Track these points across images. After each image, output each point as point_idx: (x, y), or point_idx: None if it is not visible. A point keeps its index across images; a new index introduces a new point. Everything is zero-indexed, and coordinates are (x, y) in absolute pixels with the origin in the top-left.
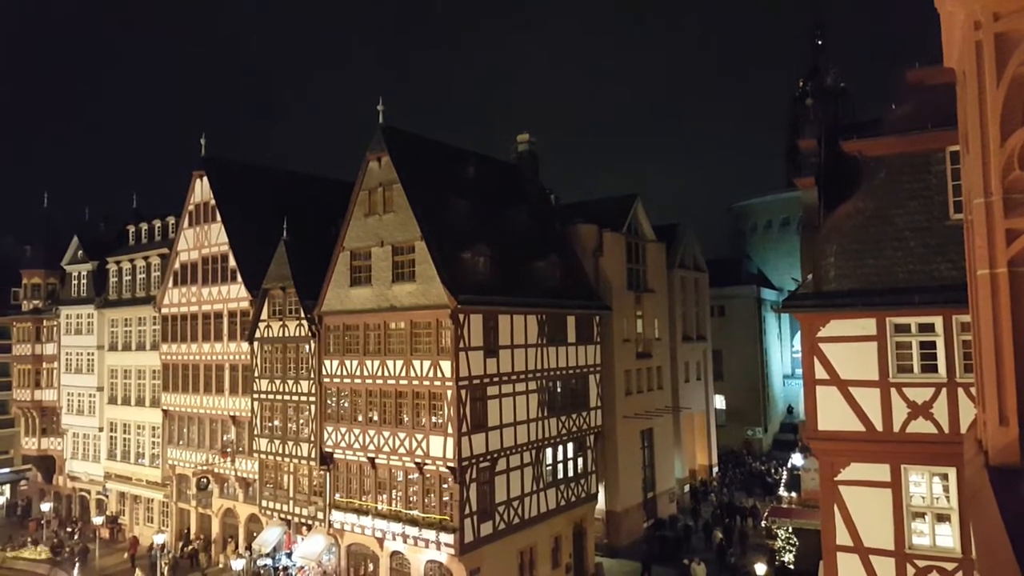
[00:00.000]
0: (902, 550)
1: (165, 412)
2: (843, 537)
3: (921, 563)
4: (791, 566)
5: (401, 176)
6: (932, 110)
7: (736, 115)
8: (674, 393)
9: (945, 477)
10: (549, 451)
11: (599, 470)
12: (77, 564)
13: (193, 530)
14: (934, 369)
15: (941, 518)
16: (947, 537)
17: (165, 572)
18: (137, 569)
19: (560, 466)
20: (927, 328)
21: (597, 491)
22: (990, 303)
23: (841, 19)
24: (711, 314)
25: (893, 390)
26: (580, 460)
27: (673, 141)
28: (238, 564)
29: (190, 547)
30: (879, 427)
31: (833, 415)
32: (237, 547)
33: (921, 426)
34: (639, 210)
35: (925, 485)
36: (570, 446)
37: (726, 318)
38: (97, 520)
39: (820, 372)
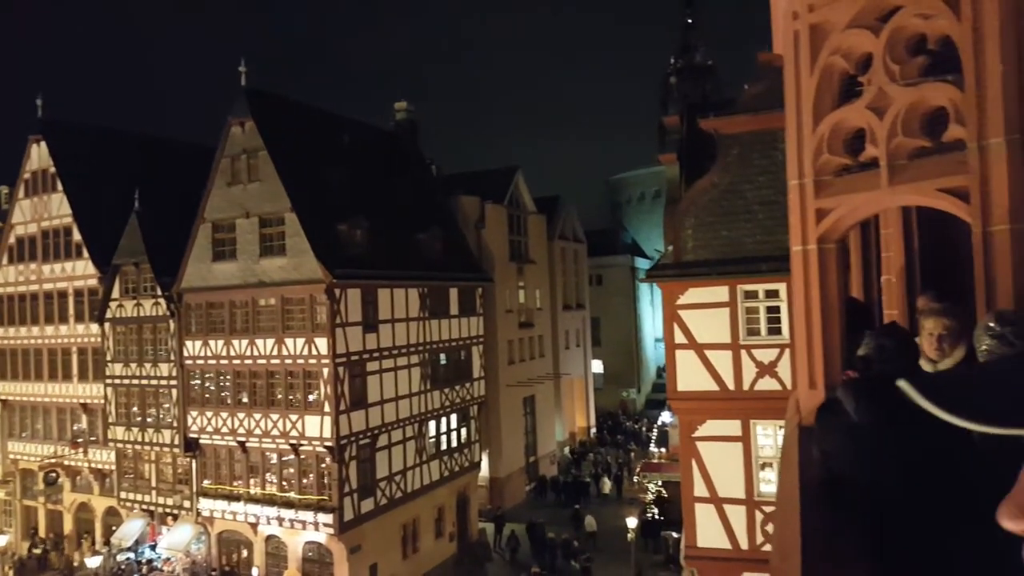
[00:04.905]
0: (752, 498)
1: (3, 402)
2: (700, 489)
3: (768, 508)
4: (661, 518)
5: (267, 142)
6: (781, 91)
7: (618, 89)
8: (555, 360)
9: None
10: (432, 424)
11: (482, 439)
12: None
13: (42, 529)
14: (779, 332)
15: None
16: None
17: None
18: None
19: (443, 438)
20: (772, 294)
21: (480, 459)
22: (802, 277)
23: None
24: (590, 283)
25: (743, 352)
26: (463, 431)
27: (555, 114)
28: (94, 562)
29: (38, 548)
30: (731, 386)
31: (691, 376)
32: (93, 543)
33: (767, 384)
34: (520, 182)
35: (772, 437)
36: (453, 417)
37: (603, 287)
38: None
39: (680, 337)
